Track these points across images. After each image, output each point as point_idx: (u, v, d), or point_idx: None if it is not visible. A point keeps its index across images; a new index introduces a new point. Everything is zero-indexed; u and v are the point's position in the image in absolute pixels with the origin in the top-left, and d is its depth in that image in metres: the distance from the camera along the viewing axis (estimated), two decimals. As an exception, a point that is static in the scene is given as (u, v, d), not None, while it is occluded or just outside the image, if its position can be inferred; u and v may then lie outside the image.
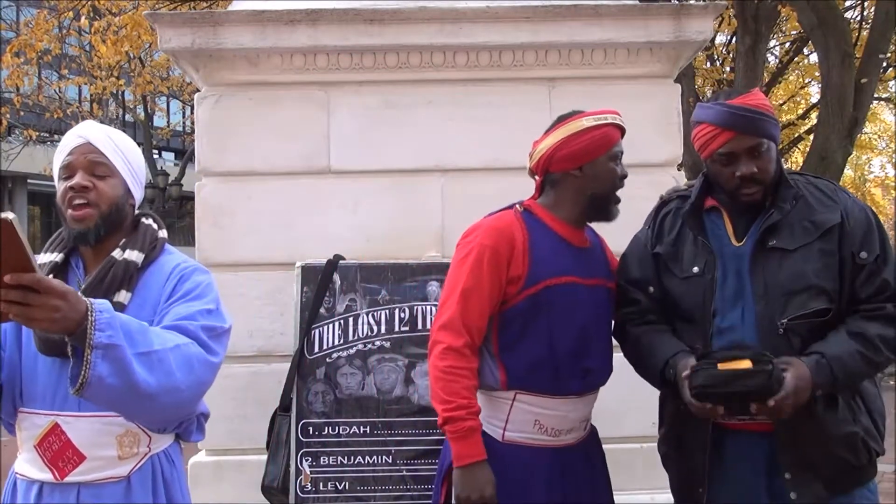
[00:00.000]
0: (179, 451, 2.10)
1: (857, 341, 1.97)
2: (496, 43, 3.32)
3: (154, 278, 1.99)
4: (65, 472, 1.87)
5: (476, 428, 2.12)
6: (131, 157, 2.01)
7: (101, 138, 1.98)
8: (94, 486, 1.88)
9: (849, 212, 2.06)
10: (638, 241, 2.34)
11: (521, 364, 2.19)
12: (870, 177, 24.40)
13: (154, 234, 2.06)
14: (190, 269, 2.04)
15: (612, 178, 2.27)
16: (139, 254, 1.97)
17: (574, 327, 2.21)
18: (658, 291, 2.22)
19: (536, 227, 2.26)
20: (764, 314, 2.03)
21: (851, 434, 2.01)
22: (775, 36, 13.35)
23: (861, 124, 8.71)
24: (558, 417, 2.22)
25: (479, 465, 2.10)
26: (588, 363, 2.24)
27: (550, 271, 2.20)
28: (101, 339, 1.62)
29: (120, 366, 1.65)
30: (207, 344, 1.90)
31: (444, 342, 2.15)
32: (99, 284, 1.90)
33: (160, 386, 1.74)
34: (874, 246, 2.04)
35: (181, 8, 8.89)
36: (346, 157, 3.39)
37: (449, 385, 2.12)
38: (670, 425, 2.25)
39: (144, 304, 1.95)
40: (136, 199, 2.06)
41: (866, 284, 2.02)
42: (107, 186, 1.96)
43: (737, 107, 2.06)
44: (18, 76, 10.76)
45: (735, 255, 2.11)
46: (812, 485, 2.00)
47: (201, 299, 1.97)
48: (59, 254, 2.00)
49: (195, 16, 3.35)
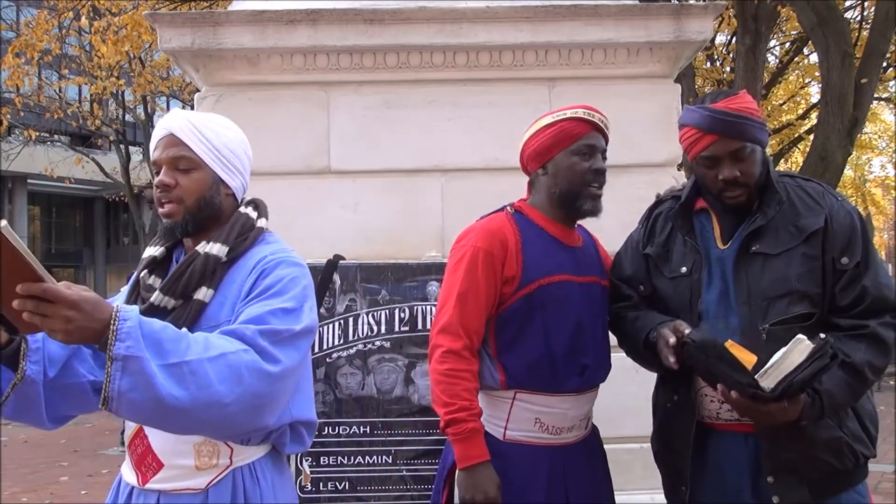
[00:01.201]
0: (273, 466, 1.86)
1: (846, 371, 1.94)
2: (496, 43, 3.32)
3: (238, 273, 1.81)
4: (146, 478, 1.78)
5: (478, 429, 2.13)
6: (219, 143, 1.86)
7: (185, 128, 1.84)
8: (173, 495, 1.76)
9: (833, 215, 2.04)
10: (631, 239, 2.35)
11: (520, 364, 2.20)
12: (870, 177, 24.42)
13: (247, 224, 1.88)
14: (275, 261, 1.81)
15: (574, 174, 2.24)
16: (222, 246, 1.81)
17: (569, 325, 2.22)
18: (648, 290, 2.23)
19: (528, 228, 2.27)
20: (747, 319, 2.02)
21: (835, 439, 1.99)
22: (775, 36, 13.35)
23: (861, 124, 8.71)
24: (558, 415, 2.22)
25: (483, 466, 2.10)
26: (585, 360, 2.24)
27: (543, 270, 2.21)
28: (120, 351, 1.49)
29: (141, 379, 1.50)
30: (266, 350, 1.66)
31: (443, 345, 2.16)
32: (177, 281, 1.78)
33: (194, 400, 1.55)
34: (856, 251, 2.01)
35: (181, 8, 8.89)
36: (346, 157, 3.39)
37: (450, 388, 2.12)
38: (660, 422, 2.26)
39: (225, 301, 1.78)
40: (232, 187, 1.89)
41: (846, 291, 2.00)
42: (190, 181, 1.83)
43: (718, 111, 2.05)
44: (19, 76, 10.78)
45: (719, 259, 2.11)
46: (795, 489, 1.99)
47: (281, 296, 1.75)
48: (160, 248, 1.89)
49: (195, 16, 3.35)
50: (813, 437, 1.98)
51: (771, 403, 1.85)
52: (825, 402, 1.92)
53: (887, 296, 2.01)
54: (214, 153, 1.85)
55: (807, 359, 1.83)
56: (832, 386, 1.93)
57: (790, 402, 1.87)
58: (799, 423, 1.92)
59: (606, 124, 2.30)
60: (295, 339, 1.73)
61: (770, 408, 1.86)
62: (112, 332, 1.48)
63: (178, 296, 1.77)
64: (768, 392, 1.83)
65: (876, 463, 2.15)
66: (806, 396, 1.90)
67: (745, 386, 1.85)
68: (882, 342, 1.98)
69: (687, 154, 2.17)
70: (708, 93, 2.29)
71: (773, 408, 1.86)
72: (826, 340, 1.85)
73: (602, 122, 2.29)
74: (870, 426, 2.07)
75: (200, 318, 1.76)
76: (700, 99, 2.17)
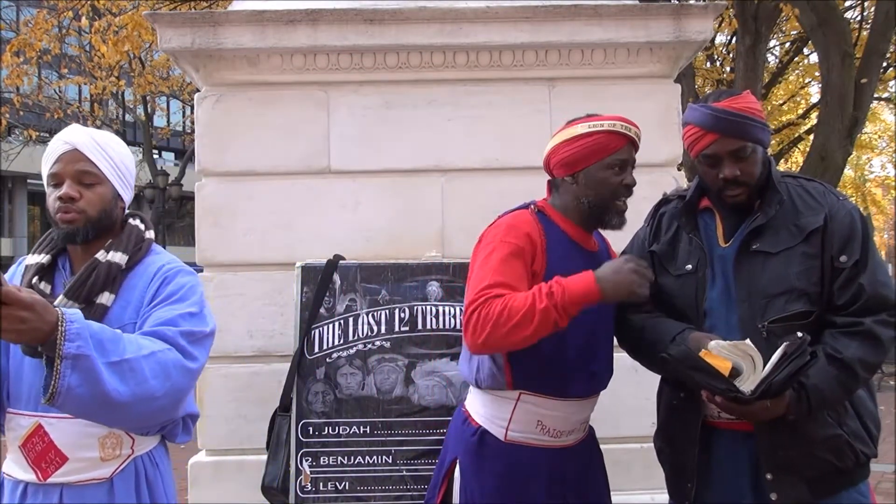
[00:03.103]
0: (165, 453, 2.10)
1: (836, 367, 1.96)
2: (496, 43, 3.32)
3: (138, 280, 1.99)
4: (48, 473, 1.88)
5: (559, 280, 2.04)
6: (118, 160, 2.01)
7: (89, 144, 1.97)
8: (77, 487, 1.89)
9: (833, 214, 2.06)
10: (637, 238, 2.37)
11: (530, 366, 2.18)
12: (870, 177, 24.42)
13: (140, 235, 2.06)
14: (174, 270, 2.02)
15: (606, 188, 2.23)
16: (123, 255, 1.97)
17: (584, 331, 2.20)
18: (653, 288, 2.23)
19: (550, 228, 2.26)
20: (746, 316, 2.04)
21: (834, 437, 2.00)
22: (775, 36, 13.35)
23: (861, 124, 8.71)
24: (561, 419, 2.22)
25: (596, 274, 2.04)
26: (594, 366, 2.25)
27: (564, 273, 2.17)
28: (71, 350, 1.62)
29: (90, 376, 1.64)
30: (186, 349, 1.87)
31: (484, 297, 2.05)
32: (82, 286, 1.90)
33: (133, 395, 1.72)
34: (854, 250, 2.03)
35: (181, 8, 8.89)
36: (346, 157, 3.39)
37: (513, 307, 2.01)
38: (664, 419, 2.26)
39: (128, 305, 1.95)
40: (125, 200, 2.06)
41: (843, 289, 2.01)
42: (94, 195, 1.97)
43: (721, 110, 2.06)
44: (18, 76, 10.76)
45: (721, 257, 2.13)
46: (794, 486, 2.00)
47: (184, 302, 1.94)
48: (46, 255, 2.00)
49: (195, 16, 3.35)
50: (811, 434, 1.99)
51: (754, 403, 1.89)
52: (812, 398, 1.94)
53: (885, 294, 2.01)
54: (115, 169, 2.00)
55: (782, 358, 1.86)
56: (819, 381, 1.94)
57: (773, 400, 1.90)
58: (786, 418, 1.95)
59: (640, 136, 2.28)
60: (206, 339, 1.95)
61: (753, 408, 1.90)
62: (61, 332, 1.61)
63: (82, 300, 1.89)
64: (748, 394, 1.87)
65: (876, 463, 2.14)
66: (792, 392, 1.93)
67: (724, 391, 1.90)
68: (876, 339, 1.99)
69: (689, 152, 2.18)
70: (711, 92, 2.30)
71: (755, 407, 1.90)
72: (803, 339, 1.87)
73: (637, 135, 2.27)
74: (871, 425, 2.07)
75: (103, 321, 1.87)
76: (704, 98, 2.18)
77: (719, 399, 1.93)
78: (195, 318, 1.93)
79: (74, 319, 1.65)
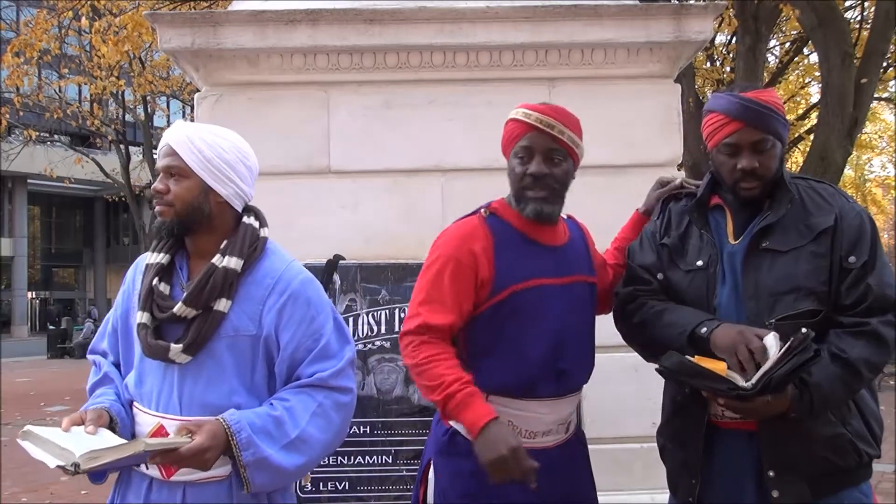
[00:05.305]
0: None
1: (840, 366, 1.96)
2: (496, 43, 3.32)
3: (256, 287, 1.99)
4: (171, 472, 1.90)
5: (474, 393, 2.03)
6: (210, 155, 1.99)
7: (180, 139, 1.99)
8: (199, 485, 1.91)
9: (843, 215, 2.07)
10: (646, 232, 2.37)
11: (492, 370, 2.14)
12: (870, 177, 24.43)
13: (255, 235, 2.05)
14: (296, 282, 2.00)
15: (513, 177, 2.20)
16: (238, 260, 1.97)
17: (546, 331, 2.15)
18: (665, 280, 2.23)
19: (502, 231, 2.20)
20: (754, 314, 2.05)
21: (838, 435, 2.01)
22: (775, 36, 13.35)
23: (861, 124, 8.72)
24: (532, 419, 2.16)
25: (492, 423, 1.98)
26: (562, 365, 2.17)
27: (516, 277, 2.14)
28: (249, 458, 1.83)
29: (270, 468, 1.86)
30: (338, 387, 1.97)
31: (413, 341, 2.12)
32: (200, 293, 1.92)
33: (311, 458, 1.94)
34: (863, 251, 2.04)
35: (181, 8, 8.89)
36: (346, 157, 3.39)
37: (431, 371, 2.06)
38: (668, 416, 2.26)
39: (243, 314, 1.96)
40: (223, 195, 2.02)
41: (851, 290, 2.02)
42: (180, 188, 1.98)
43: (748, 99, 2.09)
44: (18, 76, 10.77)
45: (730, 253, 2.14)
46: (795, 484, 2.00)
47: (322, 331, 1.98)
48: (165, 255, 2.03)
49: (195, 16, 3.35)
50: (814, 433, 1.99)
51: (756, 399, 1.89)
52: (814, 396, 1.94)
53: (890, 295, 2.03)
54: (204, 163, 1.99)
55: (785, 354, 1.86)
56: (822, 379, 1.94)
57: (774, 396, 1.90)
58: (788, 415, 1.95)
59: (553, 125, 2.16)
60: (351, 367, 2.03)
61: (754, 403, 1.90)
62: (234, 445, 1.82)
63: (201, 307, 1.93)
64: (749, 389, 1.88)
65: (876, 463, 2.14)
66: (794, 389, 1.93)
67: (726, 391, 1.91)
68: (881, 340, 2.00)
69: (708, 142, 2.18)
70: (736, 83, 2.32)
71: (757, 403, 1.90)
72: (807, 334, 1.88)
73: (544, 122, 2.16)
74: (874, 425, 2.08)
75: (221, 327, 1.94)
76: (728, 88, 2.19)
77: (721, 399, 1.95)
78: (337, 353, 2.00)
79: (240, 428, 1.83)
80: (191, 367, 1.92)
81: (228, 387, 1.93)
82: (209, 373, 1.92)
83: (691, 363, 1.93)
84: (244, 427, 1.84)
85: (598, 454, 3.02)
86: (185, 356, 1.91)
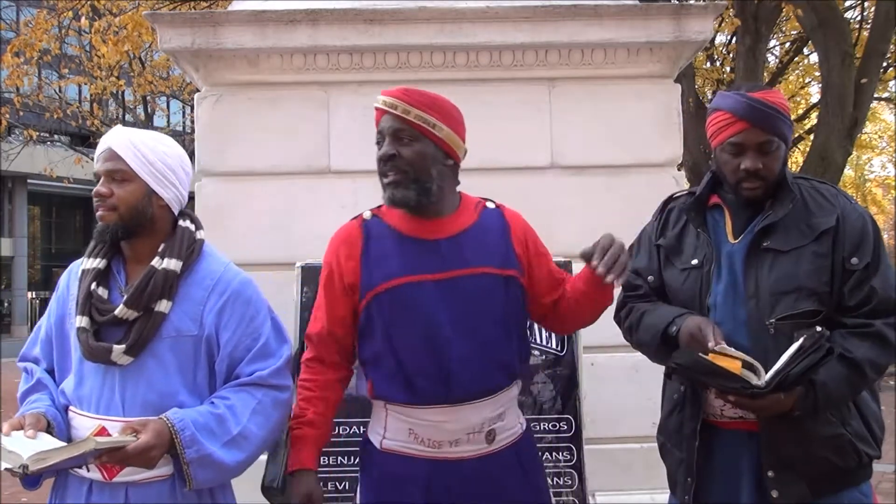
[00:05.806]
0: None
1: (845, 366, 1.96)
2: (496, 43, 3.32)
3: (195, 288, 2.02)
4: (113, 473, 1.91)
5: (302, 437, 2.09)
6: (153, 158, 2.01)
7: (122, 143, 2.00)
8: (142, 485, 1.92)
9: (845, 216, 2.07)
10: (645, 232, 2.37)
11: (378, 379, 2.07)
12: (870, 177, 24.44)
13: (191, 238, 2.07)
14: (235, 283, 2.05)
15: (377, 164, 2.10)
16: (177, 262, 2.00)
17: (417, 331, 1.99)
18: (657, 281, 2.24)
19: (376, 232, 2.10)
20: (754, 313, 2.05)
21: (837, 436, 2.01)
22: (775, 36, 13.36)
23: (861, 124, 8.73)
24: (432, 427, 2.01)
25: (299, 473, 2.09)
26: (449, 367, 1.98)
27: (380, 276, 2.03)
28: (192, 455, 1.87)
29: (213, 464, 1.90)
30: (277, 385, 2.03)
31: (312, 342, 2.16)
32: (140, 295, 1.94)
33: (252, 453, 1.99)
34: (866, 252, 2.04)
35: (181, 8, 8.89)
36: (346, 157, 3.39)
37: (301, 394, 2.13)
38: (666, 414, 2.26)
39: (185, 315, 1.99)
40: (165, 198, 2.04)
41: (854, 291, 2.02)
42: (123, 192, 1.99)
43: (756, 99, 2.08)
44: (18, 76, 10.76)
45: (729, 253, 2.13)
46: (795, 484, 2.00)
47: (260, 330, 2.03)
48: (102, 259, 2.04)
49: (195, 16, 3.35)
50: (814, 433, 2.00)
51: (767, 396, 1.90)
52: (819, 395, 1.95)
53: (894, 297, 2.03)
54: (148, 167, 2.01)
55: (799, 352, 1.87)
56: (828, 379, 1.95)
57: (786, 393, 1.91)
58: (792, 413, 1.95)
59: (394, 104, 2.03)
60: (288, 365, 2.07)
61: (766, 400, 1.91)
62: (178, 443, 1.86)
63: (141, 309, 1.95)
64: (763, 387, 1.88)
65: (876, 463, 2.14)
66: (800, 388, 1.94)
67: (739, 389, 1.91)
68: (886, 341, 2.00)
69: (712, 141, 2.17)
70: (742, 83, 2.32)
71: (769, 400, 1.91)
72: (822, 334, 1.89)
73: (385, 102, 2.05)
74: (875, 426, 2.08)
75: (162, 328, 1.96)
76: (735, 87, 2.19)
77: (732, 397, 1.94)
78: (275, 352, 2.04)
79: (184, 426, 1.87)
80: (132, 368, 1.94)
81: (171, 387, 1.95)
82: (151, 373, 1.94)
83: (705, 360, 1.92)
84: (188, 425, 1.87)
85: (598, 454, 3.03)
86: (127, 357, 1.92)
